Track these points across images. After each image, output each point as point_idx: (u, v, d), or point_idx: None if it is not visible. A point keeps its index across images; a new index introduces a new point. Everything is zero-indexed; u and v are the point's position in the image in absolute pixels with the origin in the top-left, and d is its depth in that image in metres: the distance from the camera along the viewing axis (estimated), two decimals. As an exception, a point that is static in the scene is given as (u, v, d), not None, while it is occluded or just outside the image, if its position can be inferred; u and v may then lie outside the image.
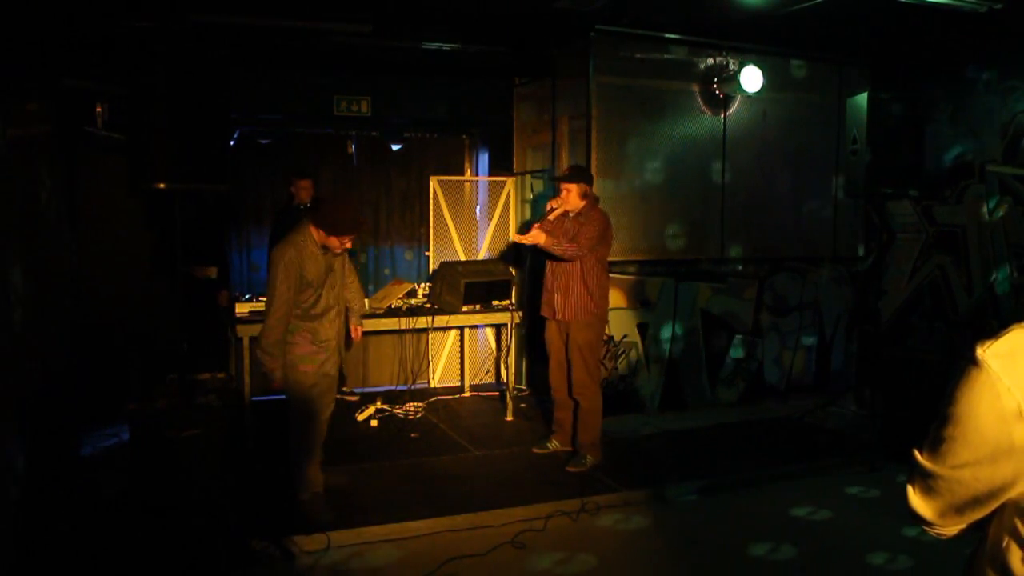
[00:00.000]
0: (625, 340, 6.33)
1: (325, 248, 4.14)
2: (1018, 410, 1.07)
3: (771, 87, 6.40)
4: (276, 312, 4.01)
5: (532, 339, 6.87)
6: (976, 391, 1.11)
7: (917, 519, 1.23)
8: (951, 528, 1.22)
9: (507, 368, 6.40)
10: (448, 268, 6.20)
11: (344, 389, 6.42)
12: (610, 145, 6.17)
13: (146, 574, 3.71)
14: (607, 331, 6.23)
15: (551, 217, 5.01)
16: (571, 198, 4.93)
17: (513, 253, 7.08)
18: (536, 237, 4.84)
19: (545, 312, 5.14)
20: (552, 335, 5.13)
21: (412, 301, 6.15)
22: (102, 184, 5.95)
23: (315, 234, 4.11)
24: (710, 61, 6.44)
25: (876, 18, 5.85)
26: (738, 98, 6.54)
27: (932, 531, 1.24)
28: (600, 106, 6.12)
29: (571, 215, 4.98)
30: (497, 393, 6.82)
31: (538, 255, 5.33)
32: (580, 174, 5.03)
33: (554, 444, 5.30)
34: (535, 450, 5.33)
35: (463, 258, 7.01)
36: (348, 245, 4.20)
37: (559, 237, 4.92)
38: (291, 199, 6.60)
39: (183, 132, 3.71)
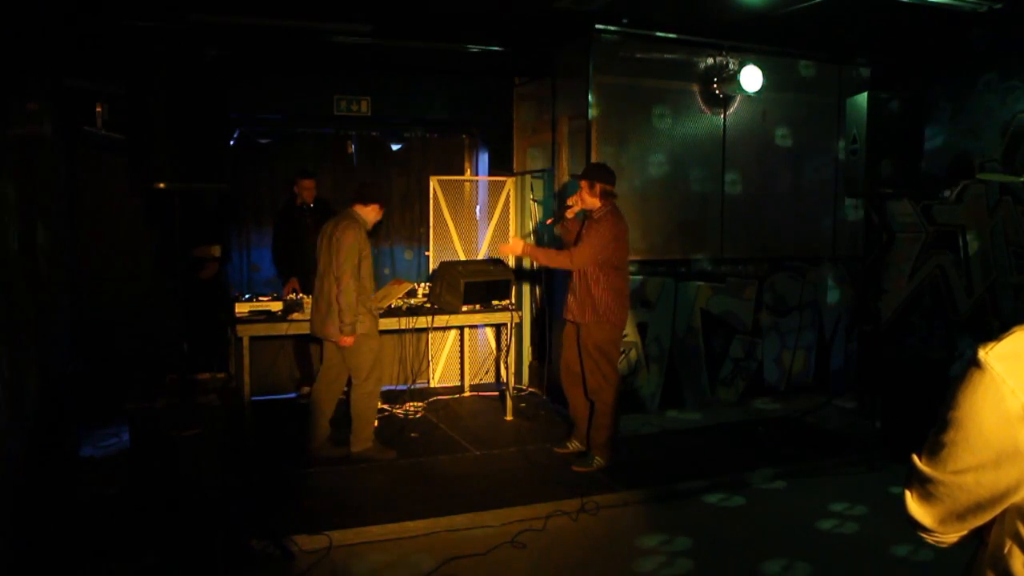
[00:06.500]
0: (625, 340, 6.32)
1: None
2: (1023, 412, 1.04)
3: (771, 87, 6.40)
4: None
5: (545, 340, 6.88)
6: (979, 394, 1.08)
7: (916, 526, 1.19)
8: (951, 535, 1.18)
9: (507, 368, 6.40)
10: (448, 268, 6.19)
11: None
12: (610, 145, 6.18)
13: (146, 574, 3.71)
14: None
15: (568, 214, 5.07)
16: (583, 195, 4.93)
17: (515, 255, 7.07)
18: (515, 247, 4.94)
19: (564, 313, 5.15)
20: (567, 336, 5.13)
21: (412, 301, 6.14)
22: (102, 184, 5.95)
23: (366, 214, 4.99)
24: (710, 61, 6.45)
25: (876, 18, 5.85)
26: (738, 98, 6.55)
27: (931, 538, 1.20)
28: (600, 106, 6.12)
29: (590, 215, 4.98)
30: (497, 393, 6.82)
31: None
32: (592, 171, 5.00)
33: (574, 444, 5.31)
34: (557, 450, 5.36)
35: (463, 258, 7.01)
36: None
37: (568, 238, 5.04)
38: (292, 199, 6.61)
39: (183, 132, 3.70)
